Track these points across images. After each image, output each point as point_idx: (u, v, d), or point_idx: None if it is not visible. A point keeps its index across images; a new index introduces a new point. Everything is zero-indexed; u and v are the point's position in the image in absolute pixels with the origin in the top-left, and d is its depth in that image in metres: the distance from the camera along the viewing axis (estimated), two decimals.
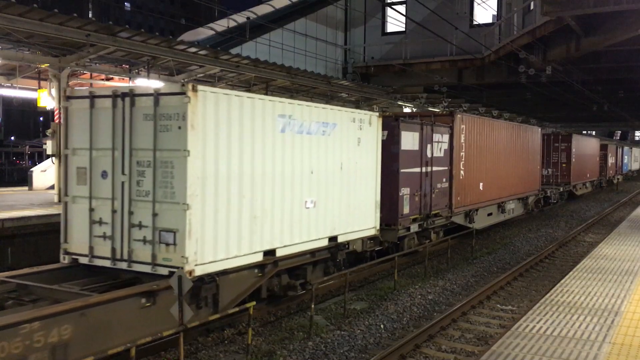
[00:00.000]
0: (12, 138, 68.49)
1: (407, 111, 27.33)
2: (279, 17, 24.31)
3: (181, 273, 8.11)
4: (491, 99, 33.45)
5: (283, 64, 17.91)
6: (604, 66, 24.81)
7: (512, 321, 11.26)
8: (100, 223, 9.54)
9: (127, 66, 16.10)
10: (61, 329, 7.33)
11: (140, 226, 9.16)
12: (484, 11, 26.90)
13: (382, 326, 11.00)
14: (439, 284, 14.38)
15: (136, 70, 15.97)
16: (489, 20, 27.12)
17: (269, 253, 10.58)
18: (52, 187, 19.36)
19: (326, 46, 27.08)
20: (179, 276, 8.05)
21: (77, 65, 15.17)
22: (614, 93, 32.99)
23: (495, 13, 26.99)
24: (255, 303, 9.60)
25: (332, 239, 12.30)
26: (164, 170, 8.99)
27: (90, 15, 73.07)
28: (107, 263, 9.49)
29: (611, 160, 50.61)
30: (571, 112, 42.33)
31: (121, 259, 9.36)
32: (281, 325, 10.96)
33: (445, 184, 17.87)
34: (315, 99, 20.24)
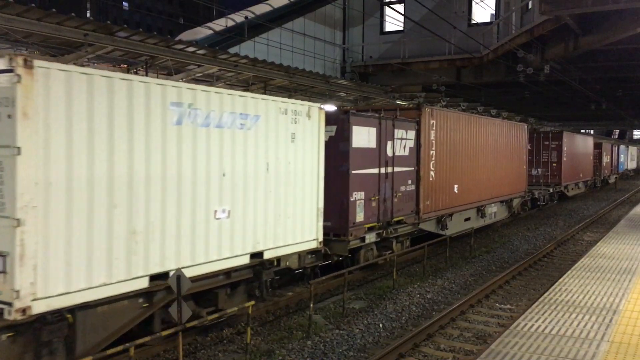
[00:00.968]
0: None
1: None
2: (277, 17, 24.28)
3: (180, 273, 8.11)
4: (490, 98, 33.43)
5: (281, 64, 17.89)
6: (602, 65, 24.83)
7: (510, 320, 11.28)
8: None
9: (126, 66, 16.09)
10: None
11: None
12: (482, 10, 26.88)
13: (381, 325, 11.01)
14: (437, 283, 14.39)
15: (134, 70, 15.95)
16: (487, 20, 27.11)
17: (160, 277, 8.51)
18: None
19: (324, 45, 27.07)
20: (178, 276, 8.06)
21: (75, 64, 15.15)
22: (612, 92, 32.99)
23: (494, 12, 26.99)
24: (254, 302, 9.61)
25: (255, 255, 10.31)
26: None
27: (89, 15, 73.03)
28: None
29: (606, 160, 49.29)
30: (569, 110, 42.33)
31: None
32: (280, 324, 10.97)
33: (411, 187, 16.03)
34: (314, 99, 20.20)
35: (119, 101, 7.84)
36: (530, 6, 21.80)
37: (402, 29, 27.77)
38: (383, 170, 14.61)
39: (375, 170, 14.29)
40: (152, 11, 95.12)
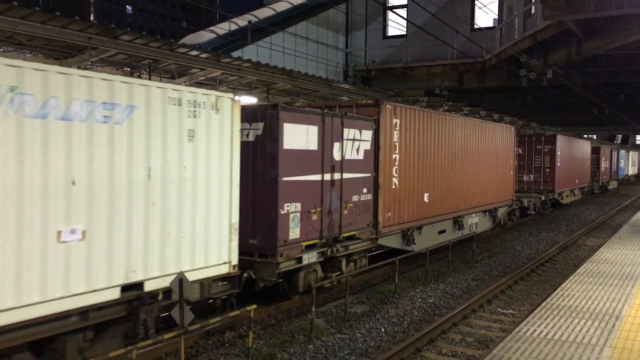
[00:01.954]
0: None
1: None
2: (280, 21, 24.35)
3: (182, 275, 8.11)
4: (492, 103, 33.44)
5: (284, 67, 17.92)
6: (605, 70, 24.83)
7: (513, 325, 11.25)
8: None
9: (129, 69, 16.13)
10: None
11: None
12: (485, 15, 26.92)
13: (382, 329, 10.99)
14: (439, 287, 14.37)
15: (138, 74, 15.99)
16: (490, 24, 27.17)
17: None
18: None
19: (327, 49, 27.12)
20: (180, 279, 8.06)
21: (78, 68, 15.19)
22: (615, 97, 32.98)
23: (497, 17, 27.03)
24: (256, 306, 9.61)
25: (130, 287, 8.14)
26: None
27: (92, 18, 73.26)
28: None
29: (605, 165, 47.27)
30: (572, 115, 42.31)
31: None
32: (282, 328, 10.96)
33: (368, 196, 13.70)
34: (317, 103, 20.19)
35: None
36: (533, 11, 21.83)
37: (404, 33, 27.84)
38: (328, 176, 12.34)
39: (316, 177, 11.98)
40: (156, 15, 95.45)
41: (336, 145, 12.57)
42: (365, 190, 13.64)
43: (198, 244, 9.15)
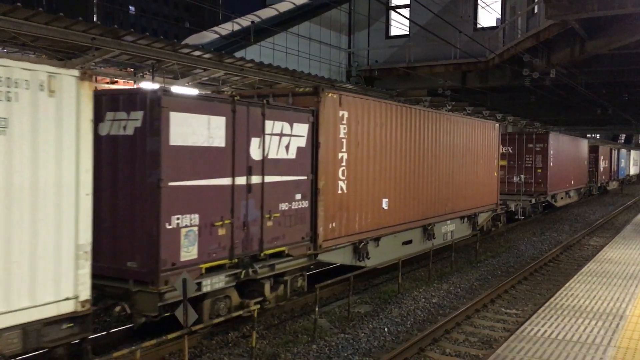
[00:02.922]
0: None
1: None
2: (283, 21, 24.36)
3: (186, 275, 8.13)
4: (495, 103, 33.40)
5: (287, 67, 17.94)
6: (608, 69, 24.77)
7: (516, 325, 11.24)
8: None
9: (132, 69, 16.16)
10: None
11: None
12: (488, 15, 26.89)
13: (386, 329, 11.00)
14: (443, 287, 14.37)
15: (141, 74, 16.02)
16: (493, 24, 27.13)
17: None
18: None
19: (330, 50, 27.12)
20: (184, 279, 8.07)
21: (82, 68, 15.22)
22: (619, 96, 32.90)
23: (499, 16, 27.00)
24: (259, 306, 9.61)
25: None
26: None
27: (95, 19, 73.44)
28: None
29: (604, 165, 45.28)
30: (575, 115, 42.23)
31: None
32: (285, 328, 10.97)
33: (302, 204, 11.32)
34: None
35: None
36: (536, 10, 21.79)
37: (407, 33, 27.84)
38: (242, 180, 9.95)
39: (224, 181, 9.61)
40: (159, 15, 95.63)
41: (255, 141, 10.19)
42: (298, 197, 11.25)
43: (17, 276, 6.69)
